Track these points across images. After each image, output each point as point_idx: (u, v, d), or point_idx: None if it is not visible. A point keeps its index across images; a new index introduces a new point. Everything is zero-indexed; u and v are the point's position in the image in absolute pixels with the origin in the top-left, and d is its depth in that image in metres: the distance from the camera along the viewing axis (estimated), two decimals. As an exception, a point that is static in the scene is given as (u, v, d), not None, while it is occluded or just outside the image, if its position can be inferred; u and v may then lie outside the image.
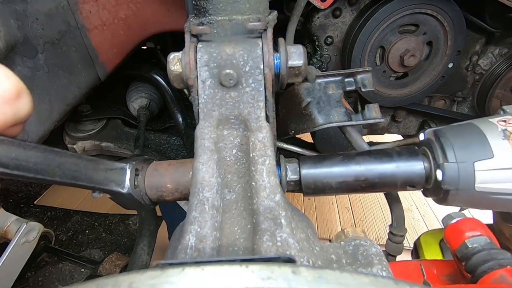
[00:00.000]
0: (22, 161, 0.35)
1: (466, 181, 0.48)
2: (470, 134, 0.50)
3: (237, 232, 0.40)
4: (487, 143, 0.48)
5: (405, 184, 0.51)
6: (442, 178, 0.49)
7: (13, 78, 0.30)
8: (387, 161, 0.51)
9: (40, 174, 0.37)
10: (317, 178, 0.52)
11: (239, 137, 0.46)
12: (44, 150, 0.38)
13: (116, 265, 1.51)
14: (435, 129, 0.54)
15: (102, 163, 0.46)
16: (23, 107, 0.31)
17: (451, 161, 0.48)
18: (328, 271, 0.20)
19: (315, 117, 0.71)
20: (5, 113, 0.29)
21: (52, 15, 0.73)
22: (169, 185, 0.50)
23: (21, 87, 0.30)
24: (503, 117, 0.52)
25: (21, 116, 0.31)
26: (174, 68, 0.46)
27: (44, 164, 0.38)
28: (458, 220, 0.52)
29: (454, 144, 0.49)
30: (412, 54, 0.90)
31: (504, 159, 0.47)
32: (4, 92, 0.29)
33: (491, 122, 0.51)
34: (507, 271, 0.42)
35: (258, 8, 0.49)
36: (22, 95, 0.30)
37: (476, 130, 0.51)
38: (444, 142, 0.50)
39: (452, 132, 0.51)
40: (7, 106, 0.29)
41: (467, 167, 0.48)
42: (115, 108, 1.26)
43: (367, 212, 2.29)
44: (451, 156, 0.49)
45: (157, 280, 0.20)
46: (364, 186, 0.52)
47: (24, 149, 0.36)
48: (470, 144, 0.49)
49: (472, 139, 0.49)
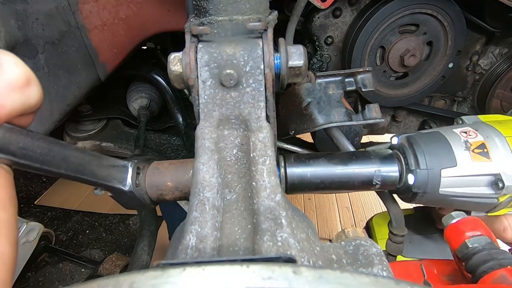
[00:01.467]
0: (29, 150, 0.35)
1: (432, 186, 0.54)
2: (439, 143, 0.56)
3: (237, 232, 0.40)
4: (452, 152, 0.55)
5: (382, 184, 0.56)
6: (413, 182, 0.54)
7: (22, 65, 0.30)
8: (367, 163, 0.56)
9: (46, 165, 0.37)
10: (300, 176, 0.55)
11: (239, 137, 0.46)
12: (50, 142, 0.38)
13: (117, 265, 1.52)
14: (408, 136, 0.59)
15: (105, 159, 0.46)
16: (32, 95, 0.30)
17: (422, 167, 0.54)
18: (328, 271, 0.21)
19: (316, 117, 0.71)
20: (14, 100, 0.29)
21: (52, 15, 0.73)
22: (170, 184, 0.50)
23: (30, 75, 0.30)
24: (463, 127, 0.59)
25: (30, 105, 0.31)
26: (174, 68, 0.46)
27: (50, 156, 0.38)
28: (458, 220, 0.52)
29: (425, 151, 0.55)
30: (412, 54, 0.90)
31: (465, 168, 0.54)
32: (13, 79, 0.29)
33: (455, 133, 0.58)
34: (508, 271, 0.42)
35: (258, 8, 0.49)
36: (31, 83, 0.30)
37: (443, 140, 0.57)
38: (417, 150, 0.55)
39: (423, 140, 0.57)
40: (16, 93, 0.29)
41: (435, 173, 0.54)
42: (115, 108, 1.26)
43: (367, 212, 2.29)
44: (422, 163, 0.54)
45: (158, 280, 0.20)
46: (346, 186, 0.56)
47: (32, 139, 0.35)
48: (438, 153, 0.55)
49: (440, 148, 0.55)
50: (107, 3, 0.80)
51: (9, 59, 0.29)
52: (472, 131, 0.58)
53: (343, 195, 2.42)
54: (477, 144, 0.55)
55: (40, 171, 0.37)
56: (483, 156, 0.54)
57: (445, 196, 0.55)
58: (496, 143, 0.55)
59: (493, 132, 0.57)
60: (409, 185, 0.55)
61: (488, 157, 0.54)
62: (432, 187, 0.54)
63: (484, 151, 0.55)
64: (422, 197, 0.55)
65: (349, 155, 0.57)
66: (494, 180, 0.53)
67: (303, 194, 2.34)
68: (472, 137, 0.56)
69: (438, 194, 0.55)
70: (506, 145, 0.55)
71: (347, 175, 0.55)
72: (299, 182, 0.55)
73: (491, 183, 0.54)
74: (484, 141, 0.55)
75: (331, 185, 0.56)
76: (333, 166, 0.55)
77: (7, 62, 0.29)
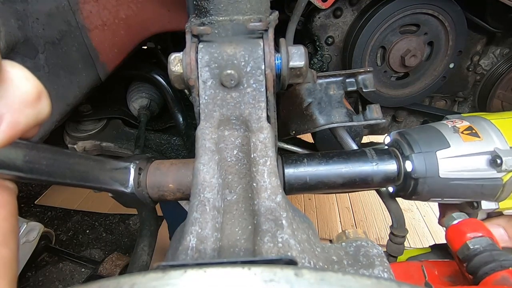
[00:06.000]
0: (35, 163, 0.35)
1: (431, 169, 0.55)
2: (429, 131, 0.60)
3: (238, 233, 0.40)
4: (443, 136, 0.58)
5: (381, 181, 0.57)
6: (412, 168, 0.55)
7: (32, 79, 0.29)
8: (364, 160, 0.56)
9: (52, 177, 0.37)
10: (298, 176, 0.55)
11: (240, 138, 0.46)
12: (55, 152, 0.38)
13: (117, 265, 1.51)
14: (398, 131, 0.62)
15: (107, 162, 0.46)
16: (43, 109, 0.29)
17: (417, 151, 0.56)
18: (330, 273, 0.20)
19: (316, 117, 0.71)
20: (27, 116, 0.28)
21: (52, 15, 0.73)
22: (171, 185, 0.50)
23: (41, 88, 0.29)
24: (449, 120, 0.63)
25: (41, 118, 0.30)
26: (175, 69, 0.46)
27: (55, 167, 0.38)
28: (459, 221, 0.52)
29: (418, 138, 0.58)
30: (413, 54, 0.89)
31: (458, 148, 0.56)
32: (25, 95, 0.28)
33: (442, 123, 0.62)
34: (509, 272, 0.42)
35: (259, 9, 0.49)
36: (42, 96, 0.29)
37: (432, 128, 0.61)
38: (409, 138, 0.58)
39: (413, 131, 0.60)
40: (28, 109, 0.28)
41: (431, 156, 0.56)
42: (115, 108, 1.26)
43: (367, 213, 2.29)
44: (416, 147, 0.56)
45: (159, 282, 0.20)
46: (345, 184, 0.56)
47: (38, 151, 0.35)
48: (430, 138, 0.58)
49: (431, 134, 0.59)
50: (108, 3, 0.80)
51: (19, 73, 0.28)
52: (458, 120, 0.62)
53: (343, 195, 2.42)
54: (464, 127, 0.59)
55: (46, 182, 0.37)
56: (473, 136, 0.57)
57: (447, 180, 0.55)
58: (483, 125, 0.58)
59: (478, 118, 0.61)
60: (408, 174, 0.55)
61: (478, 136, 0.56)
62: (431, 171, 0.55)
63: (473, 132, 0.57)
64: (424, 185, 0.56)
65: (346, 154, 0.57)
66: (491, 158, 0.54)
67: (303, 194, 2.34)
68: (459, 123, 0.60)
69: (439, 178, 0.55)
70: (493, 125, 0.57)
71: (346, 173, 0.55)
72: (297, 183, 0.55)
73: (489, 162, 0.55)
74: (471, 125, 0.59)
75: (330, 185, 0.56)
76: (331, 165, 0.56)
77: (18, 76, 0.28)
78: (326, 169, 0.55)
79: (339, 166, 0.56)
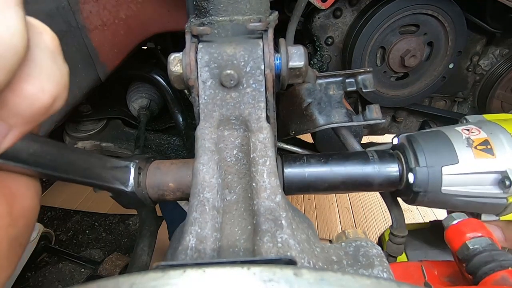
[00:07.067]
0: (39, 156, 0.34)
1: (434, 184, 0.53)
2: (439, 140, 0.55)
3: (237, 233, 0.40)
4: (453, 149, 0.53)
5: (381, 185, 0.55)
6: (413, 181, 0.53)
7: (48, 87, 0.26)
8: (366, 163, 0.55)
9: (56, 171, 0.37)
10: (298, 176, 0.55)
11: (239, 138, 0.46)
12: (58, 146, 0.38)
13: (116, 265, 1.51)
14: (408, 135, 0.58)
15: (108, 160, 0.46)
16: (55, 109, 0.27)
17: (422, 165, 0.53)
18: (330, 273, 0.20)
19: (316, 117, 0.71)
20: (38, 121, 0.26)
21: (52, 15, 0.73)
22: (171, 185, 0.50)
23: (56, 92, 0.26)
24: (466, 126, 0.57)
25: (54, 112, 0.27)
26: (174, 69, 0.46)
27: (59, 161, 0.37)
28: (459, 221, 0.52)
29: (425, 149, 0.54)
30: (412, 55, 0.90)
31: (467, 165, 0.52)
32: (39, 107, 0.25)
33: (457, 130, 0.56)
34: (509, 272, 0.42)
35: (259, 9, 0.49)
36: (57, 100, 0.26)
37: (444, 137, 0.55)
38: (416, 148, 0.55)
39: (423, 138, 0.56)
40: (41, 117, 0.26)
41: (435, 171, 0.53)
42: (115, 108, 1.26)
43: (367, 213, 2.29)
44: (422, 161, 0.53)
45: (158, 282, 0.20)
46: (344, 186, 0.56)
47: (42, 144, 0.35)
48: (438, 150, 0.54)
49: (441, 145, 0.54)
50: (108, 3, 0.80)
51: None
52: (475, 128, 0.56)
53: (343, 195, 2.42)
54: (480, 141, 0.53)
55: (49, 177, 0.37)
56: (486, 153, 0.52)
57: (449, 196, 0.53)
58: (501, 139, 0.53)
59: (498, 128, 0.54)
60: (410, 184, 0.54)
61: (492, 154, 0.52)
62: (433, 186, 0.53)
63: (487, 148, 0.53)
64: (424, 197, 0.54)
65: (347, 155, 0.57)
66: (500, 178, 0.51)
67: (302, 195, 2.34)
68: (474, 134, 0.54)
69: (440, 193, 0.53)
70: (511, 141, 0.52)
71: (346, 175, 0.55)
72: (297, 183, 0.55)
73: (497, 181, 0.52)
74: (487, 138, 0.53)
75: (330, 185, 0.55)
76: (331, 167, 0.55)
77: None
78: (326, 170, 0.55)
79: (339, 167, 0.55)
